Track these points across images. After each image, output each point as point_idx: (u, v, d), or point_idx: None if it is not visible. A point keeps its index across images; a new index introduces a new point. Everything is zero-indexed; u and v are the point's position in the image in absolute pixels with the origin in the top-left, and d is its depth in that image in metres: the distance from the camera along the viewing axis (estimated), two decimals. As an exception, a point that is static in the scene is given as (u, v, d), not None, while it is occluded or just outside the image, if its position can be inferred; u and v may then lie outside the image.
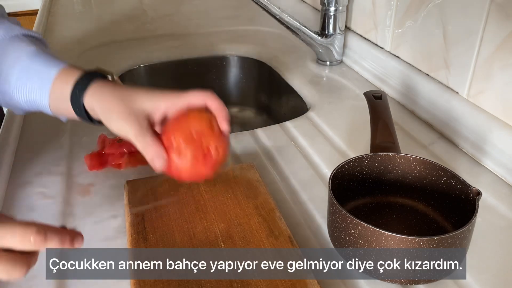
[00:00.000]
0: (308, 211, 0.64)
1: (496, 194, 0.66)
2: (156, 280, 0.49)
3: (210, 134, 0.53)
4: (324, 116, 0.86)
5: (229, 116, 0.56)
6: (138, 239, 0.55)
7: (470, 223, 0.50)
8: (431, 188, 0.60)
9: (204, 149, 0.53)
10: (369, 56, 0.98)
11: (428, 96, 0.82)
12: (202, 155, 0.52)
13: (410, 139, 0.78)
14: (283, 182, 0.69)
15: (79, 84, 0.55)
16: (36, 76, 0.57)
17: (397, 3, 0.89)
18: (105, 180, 0.69)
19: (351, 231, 0.51)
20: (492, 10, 0.68)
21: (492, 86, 0.70)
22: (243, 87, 1.21)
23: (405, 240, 0.48)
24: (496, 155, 0.69)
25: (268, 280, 0.49)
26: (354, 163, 0.60)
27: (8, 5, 2.36)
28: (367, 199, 0.63)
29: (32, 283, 0.53)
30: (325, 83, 1.00)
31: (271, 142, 0.79)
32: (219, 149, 0.53)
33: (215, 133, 0.53)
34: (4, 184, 0.68)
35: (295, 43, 1.16)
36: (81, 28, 1.32)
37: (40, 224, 0.41)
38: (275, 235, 0.55)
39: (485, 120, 0.71)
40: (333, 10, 0.99)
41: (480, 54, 0.71)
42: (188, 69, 1.16)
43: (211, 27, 1.31)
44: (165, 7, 1.47)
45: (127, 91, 0.56)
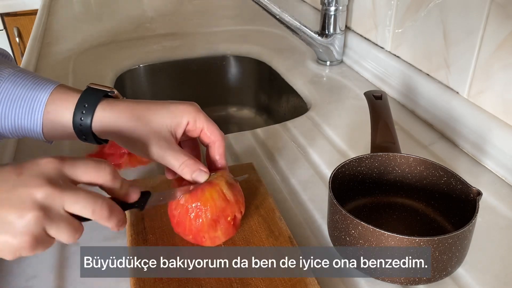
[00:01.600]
0: (308, 211, 0.63)
1: (496, 194, 0.66)
2: (156, 279, 0.49)
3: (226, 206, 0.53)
4: (324, 116, 0.86)
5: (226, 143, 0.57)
6: (138, 239, 0.55)
7: (470, 223, 0.50)
8: (431, 188, 0.60)
9: (228, 222, 0.53)
10: (369, 56, 0.98)
11: (428, 96, 0.82)
12: (228, 229, 0.53)
13: (411, 139, 0.78)
14: (283, 182, 0.69)
15: (81, 108, 0.51)
16: (23, 101, 0.51)
17: (397, 3, 0.89)
18: (105, 180, 0.69)
19: (351, 231, 0.51)
20: (492, 9, 0.67)
21: (493, 86, 0.70)
22: (243, 87, 1.21)
23: (405, 240, 0.48)
24: (496, 155, 0.69)
25: (268, 279, 0.49)
26: (354, 163, 0.60)
27: (8, 5, 2.35)
28: (367, 199, 0.63)
29: (32, 283, 0.53)
30: (325, 83, 1.00)
31: (271, 142, 0.79)
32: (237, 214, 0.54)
33: (230, 203, 0.53)
34: (4, 184, 0.67)
35: (295, 43, 1.16)
36: (81, 28, 1.32)
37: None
38: (275, 235, 0.55)
39: (485, 120, 0.71)
40: (333, 10, 0.99)
41: (481, 54, 0.71)
42: (188, 69, 1.16)
43: (211, 27, 1.31)
44: (165, 7, 1.47)
45: (142, 107, 0.52)
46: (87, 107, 0.51)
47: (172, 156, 0.51)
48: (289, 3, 1.34)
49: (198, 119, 0.54)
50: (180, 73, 1.16)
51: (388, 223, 0.60)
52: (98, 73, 1.03)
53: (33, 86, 0.51)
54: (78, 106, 0.51)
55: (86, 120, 0.51)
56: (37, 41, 1.19)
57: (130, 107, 0.52)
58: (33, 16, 1.51)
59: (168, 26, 1.31)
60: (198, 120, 0.54)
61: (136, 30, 1.28)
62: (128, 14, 1.43)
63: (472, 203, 0.53)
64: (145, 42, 1.20)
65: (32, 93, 0.51)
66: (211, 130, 0.55)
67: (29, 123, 0.51)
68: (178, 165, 0.51)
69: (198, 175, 0.52)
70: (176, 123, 0.53)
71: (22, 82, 0.51)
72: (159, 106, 0.53)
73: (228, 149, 0.76)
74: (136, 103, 0.53)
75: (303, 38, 1.00)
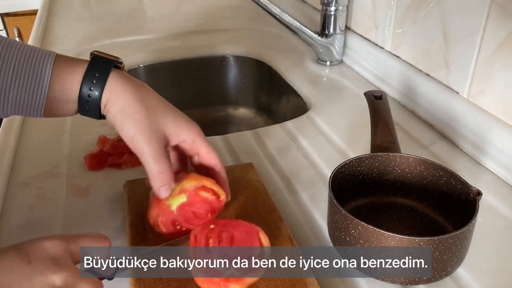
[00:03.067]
0: (308, 211, 0.63)
1: (496, 194, 0.66)
2: (156, 279, 0.49)
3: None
4: (324, 116, 0.86)
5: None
6: (137, 239, 0.55)
7: (470, 223, 0.50)
8: (431, 188, 0.60)
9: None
10: (369, 56, 0.98)
11: (428, 96, 0.82)
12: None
13: (411, 139, 0.78)
14: (283, 182, 0.69)
15: (91, 78, 0.47)
16: (22, 79, 0.46)
17: (397, 3, 0.89)
18: (105, 180, 0.69)
19: (351, 231, 0.51)
20: (492, 9, 0.67)
21: (493, 86, 0.70)
22: (243, 87, 1.21)
23: (405, 240, 0.48)
24: (496, 155, 0.69)
25: (268, 279, 0.49)
26: (354, 163, 0.60)
27: (8, 5, 2.35)
28: (367, 199, 0.63)
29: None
30: (325, 83, 1.00)
31: (271, 142, 0.79)
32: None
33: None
34: (4, 184, 0.67)
35: (295, 43, 1.16)
36: (81, 28, 1.32)
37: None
38: (275, 235, 0.55)
39: (485, 120, 0.71)
40: (333, 10, 0.99)
41: (481, 54, 0.71)
42: (188, 69, 1.16)
43: (211, 27, 1.31)
44: (165, 7, 1.47)
45: (153, 100, 0.50)
46: (98, 77, 0.48)
47: (155, 160, 0.49)
48: (289, 3, 1.34)
49: (197, 141, 0.53)
50: (180, 73, 1.16)
51: (388, 223, 0.60)
52: (98, 73, 1.02)
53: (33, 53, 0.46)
54: (87, 76, 0.47)
55: (96, 91, 0.47)
56: (37, 41, 1.19)
57: (144, 91, 0.50)
58: (33, 16, 1.51)
59: (168, 26, 1.31)
60: (196, 142, 0.53)
61: (136, 30, 1.28)
62: (128, 14, 1.43)
63: (472, 203, 0.53)
64: (145, 42, 1.20)
65: (30, 68, 0.46)
66: (210, 155, 0.55)
67: (29, 100, 0.47)
68: (156, 171, 0.50)
69: (164, 190, 0.51)
70: (175, 134, 0.52)
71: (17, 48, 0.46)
72: (168, 108, 0.52)
73: (228, 149, 0.77)
74: (149, 92, 0.51)
75: (303, 38, 1.00)
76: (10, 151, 0.74)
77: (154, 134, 0.49)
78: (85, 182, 0.68)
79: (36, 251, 0.40)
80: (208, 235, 0.49)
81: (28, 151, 0.76)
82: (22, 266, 0.39)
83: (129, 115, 0.48)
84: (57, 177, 0.69)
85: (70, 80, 0.48)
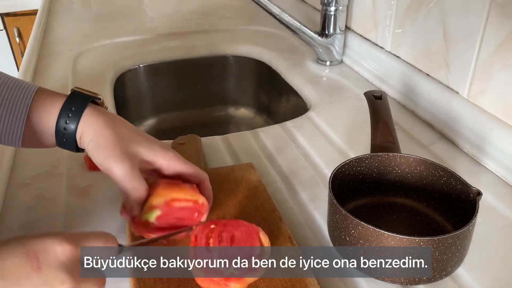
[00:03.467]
0: (308, 211, 0.63)
1: (496, 194, 0.66)
2: (156, 279, 0.49)
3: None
4: (324, 116, 0.86)
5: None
6: (137, 239, 0.55)
7: (470, 223, 0.50)
8: (431, 188, 0.60)
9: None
10: (369, 56, 0.98)
11: (428, 96, 0.82)
12: None
13: (410, 139, 0.78)
14: (283, 182, 0.69)
15: (67, 111, 0.49)
16: (4, 102, 0.48)
17: (397, 3, 0.89)
18: (105, 180, 0.69)
19: (351, 231, 0.51)
20: (492, 9, 0.67)
21: (493, 86, 0.70)
22: (243, 87, 1.21)
23: (405, 240, 0.48)
24: (496, 155, 0.69)
25: (268, 279, 0.49)
26: (354, 163, 0.60)
27: (8, 5, 2.35)
28: (367, 199, 0.63)
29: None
30: (325, 83, 1.00)
31: (271, 142, 0.79)
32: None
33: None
34: (4, 184, 0.67)
35: (295, 43, 1.16)
36: (81, 28, 1.32)
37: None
38: (275, 235, 0.55)
39: (485, 120, 0.71)
40: (333, 10, 0.99)
41: (481, 54, 0.71)
42: (188, 69, 1.16)
43: (211, 27, 1.31)
44: (165, 7, 1.47)
45: (125, 130, 0.51)
46: (74, 111, 0.50)
47: (126, 178, 0.50)
48: (289, 3, 1.34)
49: (174, 166, 0.53)
50: (180, 73, 1.16)
51: (388, 223, 0.60)
52: (98, 73, 1.03)
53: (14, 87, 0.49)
54: (64, 109, 0.49)
55: (71, 125, 0.49)
56: (37, 41, 1.19)
57: (116, 124, 0.51)
58: (33, 16, 1.51)
59: (168, 26, 1.31)
60: (174, 166, 0.53)
61: (136, 30, 1.28)
62: (128, 14, 1.43)
63: (472, 203, 0.53)
64: (145, 42, 1.20)
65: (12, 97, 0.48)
66: (190, 173, 0.54)
67: (7, 129, 0.49)
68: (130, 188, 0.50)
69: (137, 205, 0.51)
70: (152, 160, 0.52)
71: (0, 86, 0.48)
72: (142, 137, 0.53)
73: (228, 149, 0.77)
74: (122, 123, 0.52)
75: (303, 38, 1.00)
76: (10, 151, 0.74)
77: (125, 156, 0.50)
78: (85, 182, 0.68)
79: (45, 255, 0.40)
80: (209, 235, 0.49)
81: (28, 151, 0.76)
82: (31, 274, 0.39)
83: (99, 142, 0.50)
84: (57, 177, 0.69)
85: (48, 113, 0.50)
